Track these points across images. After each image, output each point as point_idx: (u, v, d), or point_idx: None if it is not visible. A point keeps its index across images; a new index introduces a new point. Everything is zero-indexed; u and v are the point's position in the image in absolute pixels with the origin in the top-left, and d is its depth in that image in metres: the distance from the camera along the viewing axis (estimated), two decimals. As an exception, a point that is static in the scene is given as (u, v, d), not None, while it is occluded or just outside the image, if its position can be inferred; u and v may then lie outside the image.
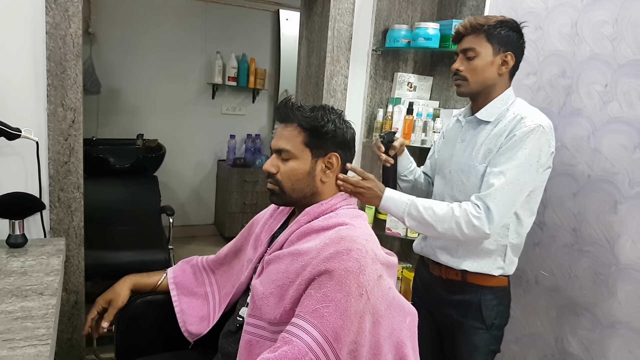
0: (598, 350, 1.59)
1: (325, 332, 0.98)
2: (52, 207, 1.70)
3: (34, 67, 1.63)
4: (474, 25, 1.43)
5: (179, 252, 3.74)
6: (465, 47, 1.45)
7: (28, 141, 1.59)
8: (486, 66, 1.44)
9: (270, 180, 1.22)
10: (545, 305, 1.76)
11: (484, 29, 1.42)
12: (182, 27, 4.03)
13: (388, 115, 2.22)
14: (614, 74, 1.54)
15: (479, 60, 1.43)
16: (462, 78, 1.46)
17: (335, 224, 1.15)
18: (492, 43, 1.42)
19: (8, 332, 1.02)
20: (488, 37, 1.42)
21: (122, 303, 1.39)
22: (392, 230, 2.25)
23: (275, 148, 1.20)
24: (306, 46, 2.43)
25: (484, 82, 1.46)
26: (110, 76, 3.85)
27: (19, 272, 1.34)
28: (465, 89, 1.48)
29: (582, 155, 1.64)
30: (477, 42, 1.43)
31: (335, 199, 1.22)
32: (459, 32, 1.47)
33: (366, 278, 1.03)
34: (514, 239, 1.48)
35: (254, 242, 1.36)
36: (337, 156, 1.21)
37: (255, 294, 1.16)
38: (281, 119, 1.22)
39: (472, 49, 1.43)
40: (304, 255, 1.10)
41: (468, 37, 1.45)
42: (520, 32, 1.45)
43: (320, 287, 1.02)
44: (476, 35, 1.43)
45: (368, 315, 1.04)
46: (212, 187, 4.51)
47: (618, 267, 1.52)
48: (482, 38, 1.42)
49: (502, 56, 1.44)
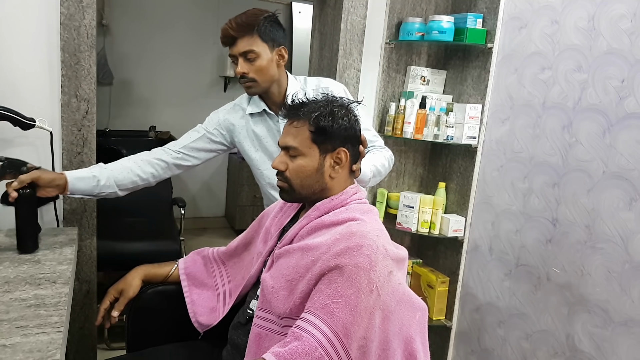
0: (609, 349, 1.57)
1: (335, 328, 0.98)
2: (66, 197, 1.72)
3: (48, 58, 1.64)
4: (245, 26, 1.47)
5: (189, 243, 3.77)
6: (243, 50, 1.48)
7: (42, 131, 1.60)
8: (268, 64, 1.51)
9: (279, 177, 1.21)
10: (557, 302, 1.75)
11: (256, 30, 1.47)
12: (194, 19, 4.04)
13: (400, 109, 2.21)
14: (631, 69, 1.51)
15: (261, 61, 1.49)
16: (251, 80, 1.51)
17: (345, 219, 1.14)
18: (266, 41, 1.49)
19: (22, 319, 1.03)
20: (262, 36, 1.48)
21: (133, 293, 1.40)
22: (402, 225, 2.24)
23: (283, 145, 1.20)
24: (319, 39, 2.42)
25: (271, 79, 1.54)
26: (123, 68, 3.88)
27: (33, 260, 1.35)
28: (257, 89, 1.55)
29: (597, 152, 1.61)
30: (254, 43, 1.48)
31: (346, 194, 1.21)
32: (230, 35, 1.49)
33: (377, 274, 1.03)
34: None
35: (264, 235, 1.36)
36: (346, 151, 1.19)
37: (265, 288, 1.16)
38: (286, 115, 1.21)
39: (252, 50, 1.48)
40: (314, 250, 1.10)
41: (242, 39, 1.48)
42: (281, 24, 1.55)
43: (330, 283, 1.02)
44: (250, 36, 1.47)
45: (378, 311, 1.04)
46: (223, 180, 4.53)
47: (632, 264, 1.50)
48: (257, 38, 1.48)
49: (277, 51, 1.53)
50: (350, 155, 1.21)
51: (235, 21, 1.49)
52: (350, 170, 1.23)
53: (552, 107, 1.79)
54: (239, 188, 4.16)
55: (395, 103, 2.25)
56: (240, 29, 1.48)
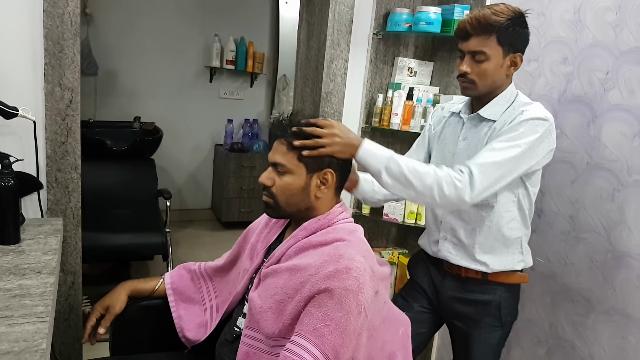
0: (592, 336, 1.60)
1: (326, 351, 1.01)
2: (50, 188, 1.69)
3: (32, 46, 1.61)
4: (484, 25, 1.31)
5: (175, 235, 3.75)
6: (474, 49, 1.34)
7: (25, 121, 1.57)
8: (496, 69, 1.35)
9: (265, 192, 1.22)
10: (541, 292, 1.78)
11: (496, 30, 1.31)
12: (180, 9, 3.99)
13: (388, 100, 2.21)
14: (616, 61, 1.53)
15: (488, 64, 1.34)
16: (470, 81, 1.38)
17: (333, 239, 1.16)
18: (503, 45, 1.33)
19: (6, 309, 1.02)
20: (499, 39, 1.32)
21: (119, 309, 1.40)
22: (389, 216, 2.25)
23: (272, 161, 1.20)
24: (306, 29, 2.41)
25: (493, 85, 1.38)
26: (108, 58, 3.82)
27: (17, 251, 1.33)
28: (473, 92, 1.41)
29: (582, 143, 1.64)
30: (488, 44, 1.32)
31: (332, 213, 1.22)
32: (466, 29, 1.34)
33: (364, 296, 1.06)
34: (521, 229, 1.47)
35: (250, 251, 1.36)
36: (332, 172, 1.21)
37: (253, 307, 1.17)
38: (276, 135, 1.22)
39: (483, 52, 1.33)
40: (303, 271, 1.11)
41: (477, 37, 1.33)
42: (527, 26, 1.37)
43: (320, 306, 1.04)
44: (487, 36, 1.32)
45: (365, 331, 1.08)
46: (209, 172, 4.50)
47: (614, 254, 1.53)
48: (493, 40, 1.32)
49: (512, 57, 1.36)
50: (337, 176, 1.22)
51: (476, 17, 1.32)
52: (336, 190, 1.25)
53: (538, 99, 1.80)
54: (225, 180, 4.15)
55: (382, 94, 2.25)
56: (479, 27, 1.31)
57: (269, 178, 1.20)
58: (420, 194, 1.29)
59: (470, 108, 1.49)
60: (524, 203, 1.44)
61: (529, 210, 1.46)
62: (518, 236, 1.46)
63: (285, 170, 1.18)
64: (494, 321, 1.49)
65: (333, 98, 2.21)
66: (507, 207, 1.43)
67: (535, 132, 1.31)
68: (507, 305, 1.49)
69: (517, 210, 1.44)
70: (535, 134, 1.31)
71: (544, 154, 1.36)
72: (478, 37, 1.33)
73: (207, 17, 4.08)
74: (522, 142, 1.30)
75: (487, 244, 1.45)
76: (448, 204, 1.32)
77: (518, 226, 1.46)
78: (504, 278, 1.48)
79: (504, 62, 1.36)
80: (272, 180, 1.20)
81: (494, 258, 1.46)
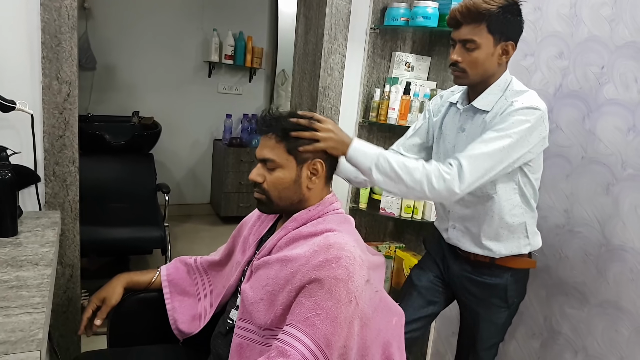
0: (585, 329, 1.61)
1: (317, 340, 1.02)
2: (47, 181, 1.70)
3: (29, 39, 1.61)
4: (474, 13, 1.32)
5: (174, 230, 3.76)
6: (464, 37, 1.35)
7: (23, 114, 1.58)
8: (487, 58, 1.35)
9: (257, 189, 1.22)
10: (535, 285, 1.79)
11: (486, 19, 1.31)
12: (179, 3, 3.99)
13: (385, 94, 2.22)
14: (611, 56, 1.54)
15: (479, 53, 1.35)
16: (461, 70, 1.38)
17: (323, 230, 1.17)
18: (493, 33, 1.33)
19: (3, 300, 1.03)
20: (490, 27, 1.32)
21: (115, 301, 1.41)
22: (386, 210, 2.26)
23: (260, 158, 1.21)
24: (304, 23, 2.41)
25: (484, 73, 1.39)
26: (106, 52, 3.82)
27: (14, 243, 1.34)
28: (464, 80, 1.42)
29: (577, 137, 1.64)
30: (478, 32, 1.33)
31: (323, 204, 1.23)
32: (456, 18, 1.35)
33: (355, 285, 1.07)
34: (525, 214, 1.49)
35: (242, 244, 1.38)
36: (322, 162, 1.22)
37: (245, 299, 1.19)
38: (262, 130, 1.21)
39: (473, 40, 1.33)
40: (293, 261, 1.12)
41: (467, 25, 1.34)
42: (520, 14, 1.36)
43: (310, 295, 1.05)
44: (477, 24, 1.32)
45: (357, 319, 1.09)
46: (208, 167, 4.51)
47: (608, 247, 1.54)
48: (483, 28, 1.32)
49: (503, 45, 1.36)
50: (327, 165, 1.23)
51: (466, 5, 1.32)
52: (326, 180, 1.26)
53: (534, 93, 1.81)
54: (224, 175, 4.15)
55: (380, 89, 2.26)
56: (469, 15, 1.32)
57: (259, 175, 1.20)
58: (411, 189, 1.31)
59: (467, 98, 1.51)
60: (526, 190, 1.47)
61: (532, 194, 1.49)
62: (522, 221, 1.49)
63: (275, 165, 1.19)
64: (500, 302, 1.55)
65: (330, 92, 2.22)
66: (507, 196, 1.45)
67: (526, 121, 1.32)
68: (514, 288, 1.54)
69: (519, 197, 1.47)
70: (527, 124, 1.32)
71: (536, 142, 1.37)
72: (468, 25, 1.34)
73: (206, 12, 4.07)
74: (513, 131, 1.32)
75: (492, 232, 1.49)
76: (439, 197, 1.34)
77: (522, 212, 1.48)
78: (512, 263, 1.51)
79: (495, 51, 1.36)
80: (263, 176, 1.20)
81: (499, 244, 1.49)
